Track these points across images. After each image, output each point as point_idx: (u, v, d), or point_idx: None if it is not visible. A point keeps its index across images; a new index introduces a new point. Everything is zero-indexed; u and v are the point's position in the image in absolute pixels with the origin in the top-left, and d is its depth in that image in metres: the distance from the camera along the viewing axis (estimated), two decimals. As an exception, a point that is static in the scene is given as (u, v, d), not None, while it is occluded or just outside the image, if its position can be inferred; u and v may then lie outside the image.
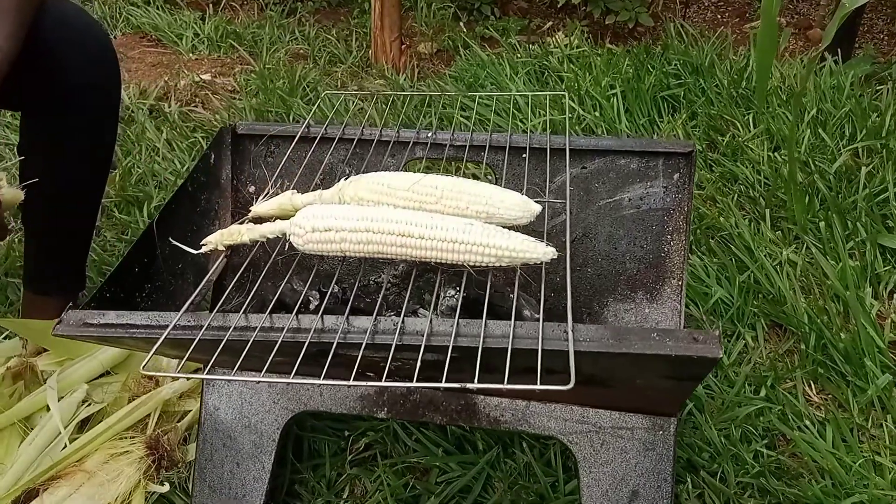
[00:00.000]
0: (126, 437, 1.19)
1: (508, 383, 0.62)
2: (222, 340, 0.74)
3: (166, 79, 2.61)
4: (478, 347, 0.69)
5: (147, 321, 0.78)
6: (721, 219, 1.66)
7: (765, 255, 1.55)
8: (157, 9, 3.18)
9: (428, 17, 3.11)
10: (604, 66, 2.35)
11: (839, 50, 2.36)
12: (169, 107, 2.41)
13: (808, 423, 1.22)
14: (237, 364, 0.75)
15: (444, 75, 2.56)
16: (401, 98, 2.13)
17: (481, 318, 1.00)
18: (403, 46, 2.68)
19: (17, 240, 1.67)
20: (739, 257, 1.56)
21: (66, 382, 1.26)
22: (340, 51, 2.83)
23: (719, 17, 3.16)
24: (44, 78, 1.09)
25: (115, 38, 3.04)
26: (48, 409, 1.21)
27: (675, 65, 2.34)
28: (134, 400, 1.24)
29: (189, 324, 0.77)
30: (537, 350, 0.67)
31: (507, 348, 0.68)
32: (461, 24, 3.05)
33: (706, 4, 3.26)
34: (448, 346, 0.69)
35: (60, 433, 1.18)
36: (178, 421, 1.24)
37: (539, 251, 0.76)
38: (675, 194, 1.01)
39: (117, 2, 3.26)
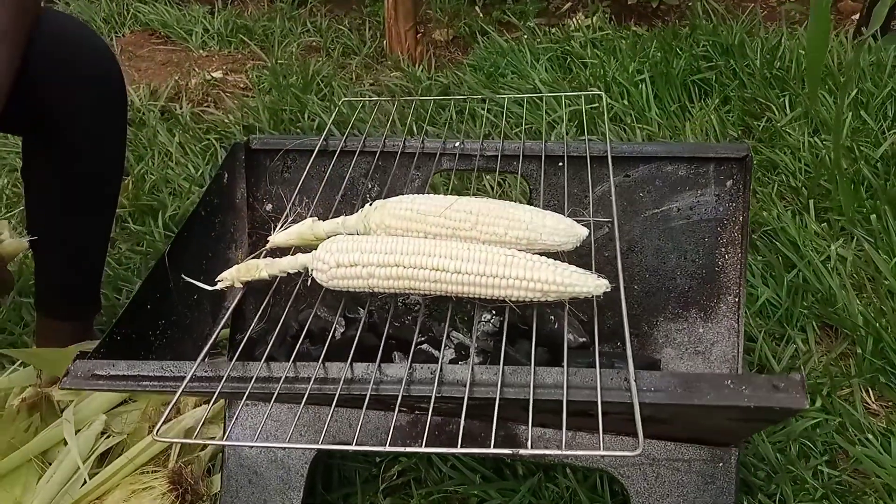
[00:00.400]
0: (147, 472, 1.14)
1: (567, 447, 0.55)
2: (244, 393, 0.68)
3: (177, 78, 2.54)
4: (528, 399, 0.61)
5: (161, 372, 0.71)
6: (763, 212, 1.57)
7: (812, 251, 1.46)
8: (165, 4, 3.11)
9: (442, 3, 3.01)
10: (629, 49, 2.24)
11: (877, 23, 2.24)
12: (180, 108, 2.34)
13: (870, 436, 1.14)
14: (259, 427, 0.68)
15: (462, 64, 2.47)
16: (422, 97, 2.05)
17: (518, 346, 0.93)
18: (418, 35, 2.59)
19: (29, 254, 1.62)
20: (785, 253, 1.47)
21: (83, 414, 1.20)
22: (354, 42, 2.74)
23: (745, -10, 3.03)
24: (43, 100, 1.02)
25: (123, 36, 2.97)
26: (66, 442, 1.16)
27: (705, 46, 2.23)
28: (154, 429, 1.19)
29: (206, 375, 0.70)
30: (596, 402, 0.60)
31: (561, 401, 0.60)
32: (477, 8, 2.95)
33: (731, -22, 3.13)
34: (494, 399, 0.62)
35: (79, 469, 1.13)
36: (202, 450, 1.18)
37: (590, 284, 0.68)
38: (728, 203, 0.93)
39: (124, -1, 3.19)
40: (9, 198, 1.94)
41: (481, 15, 2.87)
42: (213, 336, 0.74)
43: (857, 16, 2.57)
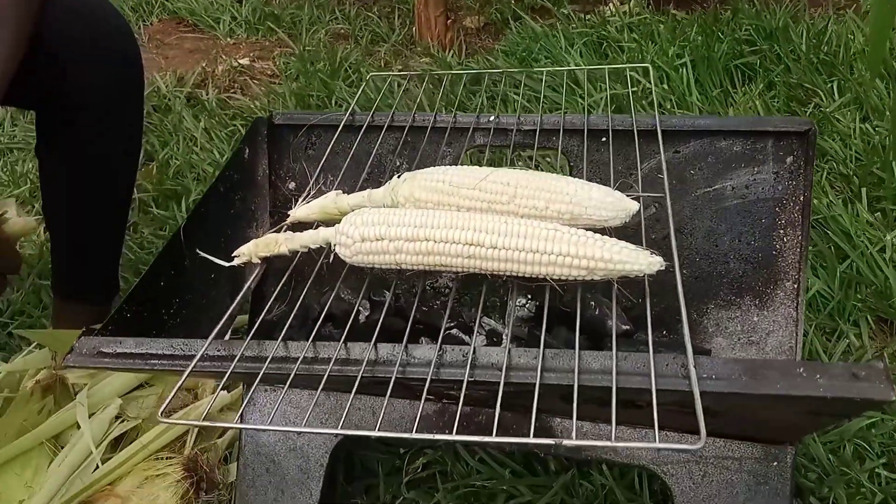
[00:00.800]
0: (162, 458, 1.09)
1: (616, 439, 0.49)
2: (258, 374, 0.62)
3: (204, 65, 2.50)
4: (571, 386, 0.55)
5: (170, 350, 0.66)
6: (814, 200, 1.48)
7: (865, 241, 1.37)
8: (194, -9, 3.08)
9: (473, -11, 2.93)
10: (669, 33, 2.16)
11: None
12: (207, 94, 2.30)
13: (933, 439, 1.06)
14: (274, 411, 0.63)
15: (494, 50, 2.40)
16: (452, 76, 1.97)
17: (555, 333, 0.87)
18: (449, 21, 2.53)
19: (48, 236, 1.59)
20: (837, 243, 1.39)
21: (97, 397, 1.16)
22: (383, 29, 2.69)
23: (788, -25, 2.91)
24: (57, 75, 0.98)
25: (150, 24, 2.95)
26: (79, 426, 1.12)
27: (748, 30, 2.13)
28: (170, 415, 1.14)
29: (219, 353, 0.65)
30: (649, 390, 0.53)
31: (609, 388, 0.54)
32: (509, -5, 2.88)
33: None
34: (534, 384, 0.56)
35: (92, 453, 1.09)
36: (219, 437, 1.14)
37: (642, 262, 0.61)
38: (787, 181, 0.85)
39: (153, -14, 3.16)
40: (33, 182, 1.91)
41: (513, 1, 2.79)
42: (228, 312, 0.68)
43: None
